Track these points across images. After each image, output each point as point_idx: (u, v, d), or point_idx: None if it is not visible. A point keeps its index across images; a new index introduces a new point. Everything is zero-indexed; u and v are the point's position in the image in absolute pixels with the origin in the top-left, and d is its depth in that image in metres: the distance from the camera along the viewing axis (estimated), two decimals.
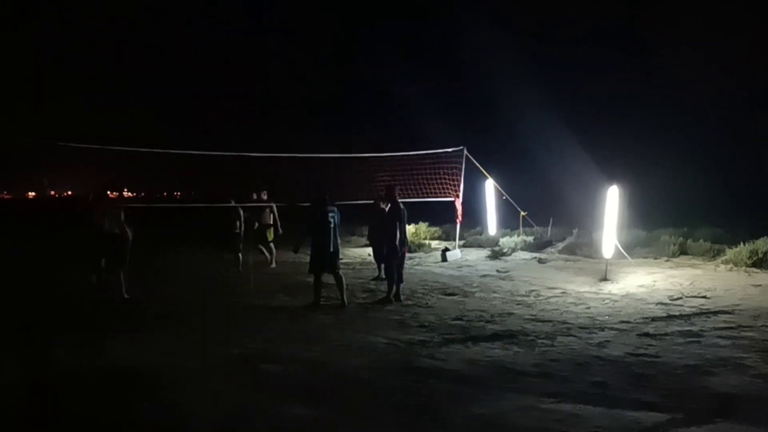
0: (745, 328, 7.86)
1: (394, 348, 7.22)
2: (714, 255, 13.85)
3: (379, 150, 16.48)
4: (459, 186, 16.14)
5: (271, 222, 13.79)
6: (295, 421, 4.99)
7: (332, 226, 9.52)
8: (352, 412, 5.21)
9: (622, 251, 13.57)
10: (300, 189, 13.97)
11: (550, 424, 4.84)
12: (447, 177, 16.28)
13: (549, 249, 16.14)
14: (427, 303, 9.84)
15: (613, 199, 12.38)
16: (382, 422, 4.98)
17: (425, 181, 16.24)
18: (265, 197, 13.77)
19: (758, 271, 12.14)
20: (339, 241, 9.81)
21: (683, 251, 14.66)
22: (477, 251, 16.33)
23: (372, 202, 12.46)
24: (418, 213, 17.96)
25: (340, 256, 10.32)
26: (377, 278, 11.67)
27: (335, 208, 9.70)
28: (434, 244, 17.96)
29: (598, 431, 4.72)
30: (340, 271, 9.75)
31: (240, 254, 13.33)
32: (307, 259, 9.92)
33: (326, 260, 9.53)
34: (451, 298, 10.34)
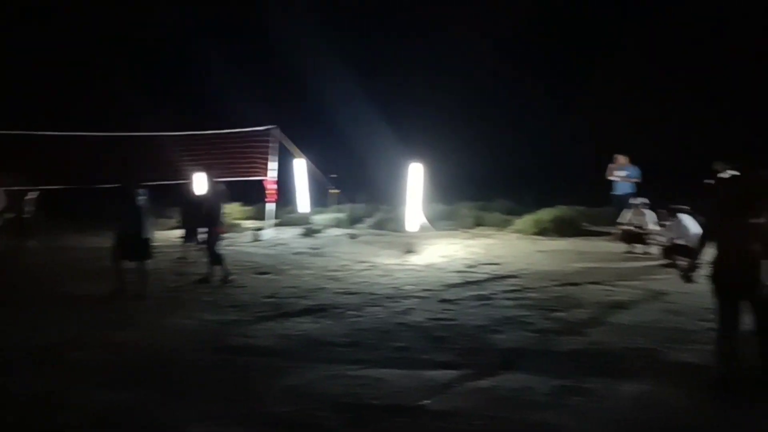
0: (529, 290, 8.86)
1: (207, 329, 7.22)
2: (505, 225, 15.25)
3: (181, 129, 16.07)
4: (267, 165, 16.13)
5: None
6: (111, 406, 4.91)
7: (143, 211, 8.99)
8: (167, 393, 5.21)
9: (427, 224, 14.47)
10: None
11: (356, 389, 5.18)
12: (257, 156, 16.21)
13: (359, 225, 16.74)
14: (240, 283, 9.84)
15: (415, 176, 13.12)
16: (196, 400, 5.03)
17: (235, 161, 16.05)
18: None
19: (542, 238, 13.63)
20: (149, 226, 9.36)
21: (480, 222, 15.95)
22: (291, 229, 16.49)
23: (185, 182, 12.14)
24: (230, 193, 17.70)
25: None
26: (181, 258, 11.44)
27: (144, 191, 9.11)
28: (247, 223, 17.85)
29: (400, 391, 5.14)
30: (150, 260, 9.26)
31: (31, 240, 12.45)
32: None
33: (137, 247, 8.92)
34: (264, 276, 10.42)
